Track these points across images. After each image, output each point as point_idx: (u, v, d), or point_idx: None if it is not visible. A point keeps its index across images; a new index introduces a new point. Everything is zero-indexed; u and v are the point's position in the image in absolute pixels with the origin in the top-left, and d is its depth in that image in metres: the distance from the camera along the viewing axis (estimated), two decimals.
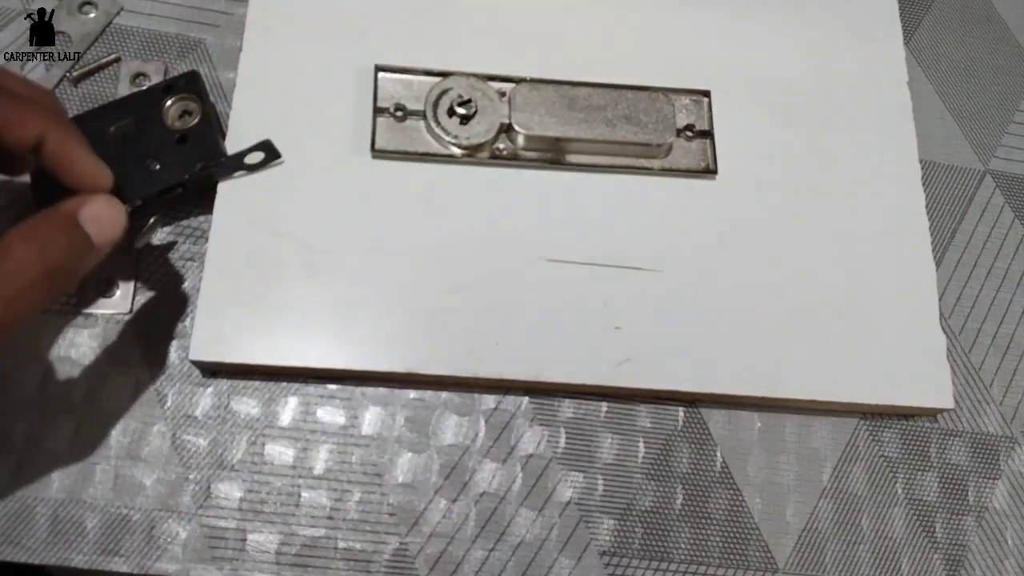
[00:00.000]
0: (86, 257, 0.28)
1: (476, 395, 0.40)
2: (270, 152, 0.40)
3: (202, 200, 0.41)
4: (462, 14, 0.45)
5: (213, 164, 0.39)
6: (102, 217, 0.28)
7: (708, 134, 0.44)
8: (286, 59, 0.43)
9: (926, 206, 0.46)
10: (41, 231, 0.26)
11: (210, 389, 0.39)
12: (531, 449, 0.40)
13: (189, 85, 0.40)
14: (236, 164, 0.40)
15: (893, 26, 0.50)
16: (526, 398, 0.41)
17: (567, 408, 0.41)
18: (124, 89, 0.43)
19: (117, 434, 0.38)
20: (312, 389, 0.39)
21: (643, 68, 0.46)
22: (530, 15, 0.46)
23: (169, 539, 0.36)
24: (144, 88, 0.42)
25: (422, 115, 0.42)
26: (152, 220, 0.38)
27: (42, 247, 0.26)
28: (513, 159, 0.42)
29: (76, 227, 0.27)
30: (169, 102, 0.40)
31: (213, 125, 0.40)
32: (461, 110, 0.41)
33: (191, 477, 0.37)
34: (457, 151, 0.42)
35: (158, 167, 0.39)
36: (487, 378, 0.39)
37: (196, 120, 0.40)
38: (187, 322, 0.39)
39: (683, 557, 0.39)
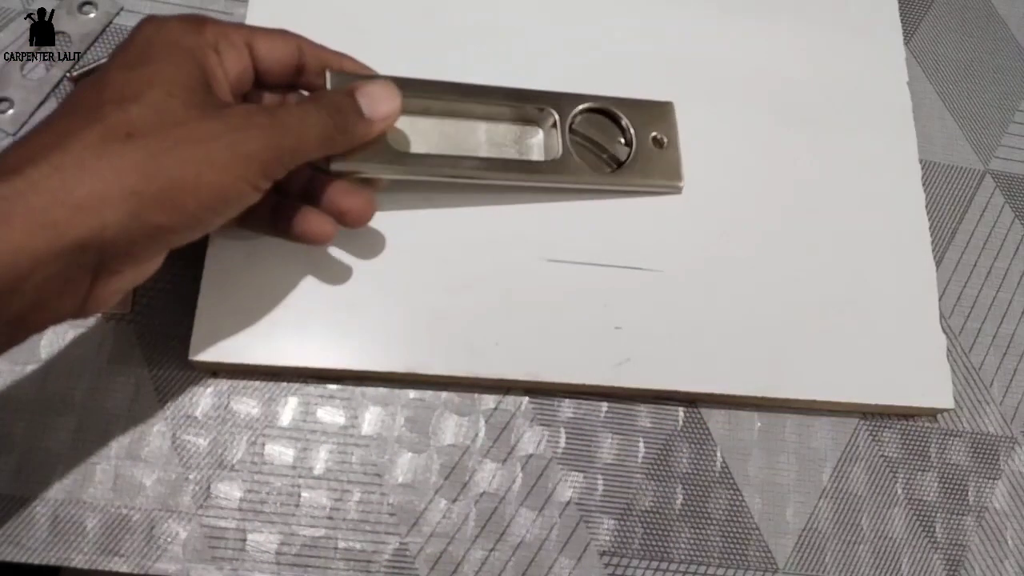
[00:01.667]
0: (359, 125, 0.34)
1: (476, 395, 0.40)
2: None
3: None
4: (457, 19, 0.45)
5: None
6: (375, 93, 0.34)
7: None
8: None
9: (926, 206, 0.46)
10: (326, 99, 0.33)
11: (210, 389, 0.39)
12: (531, 449, 0.40)
13: None
14: None
15: (893, 26, 0.50)
16: (526, 398, 0.41)
17: (567, 408, 0.41)
18: None
19: (117, 434, 0.38)
20: (312, 389, 0.39)
21: (642, 70, 0.46)
22: (536, 24, 0.46)
23: (169, 539, 0.36)
24: None
25: None
26: None
27: (327, 111, 0.32)
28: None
29: (352, 99, 0.34)
30: None
31: None
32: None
33: (191, 477, 0.37)
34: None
35: None
36: (487, 378, 0.39)
37: None
38: (187, 322, 0.39)
39: (683, 557, 0.39)
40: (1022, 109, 0.52)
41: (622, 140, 0.43)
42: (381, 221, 0.40)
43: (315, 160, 0.33)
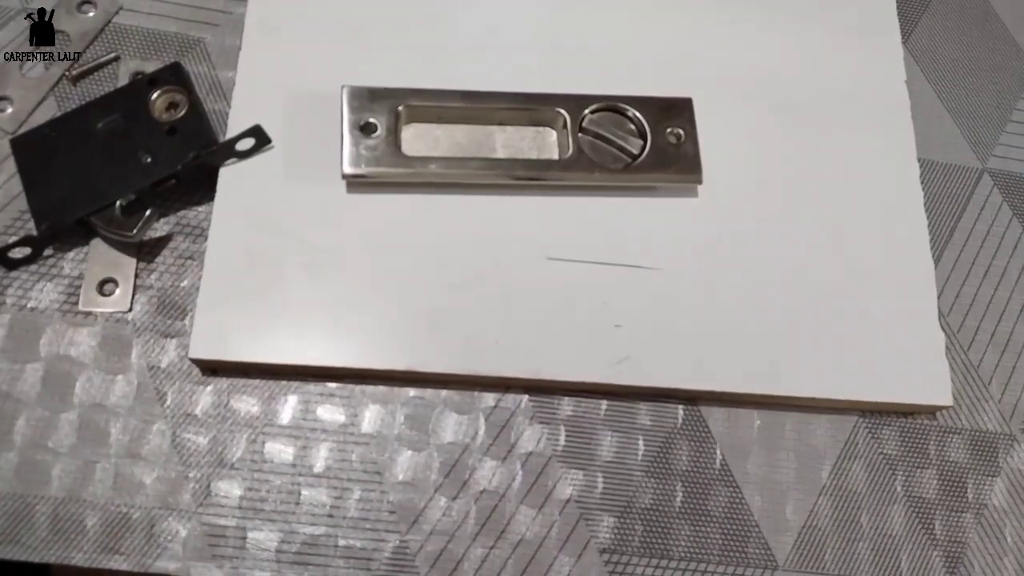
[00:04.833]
0: None
1: (476, 393, 0.40)
2: (260, 137, 0.40)
3: (202, 199, 0.41)
4: (459, 20, 0.45)
5: (205, 153, 0.39)
6: None
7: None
8: (286, 58, 0.43)
9: (924, 205, 0.46)
10: None
11: (210, 387, 0.39)
12: (531, 447, 0.40)
13: (173, 77, 0.41)
14: (227, 151, 0.40)
15: (891, 25, 0.50)
16: (526, 396, 0.41)
17: (567, 406, 0.41)
18: None
19: (117, 433, 0.38)
20: (312, 387, 0.39)
21: (642, 72, 0.46)
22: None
23: (169, 537, 0.36)
24: (127, 83, 0.42)
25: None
26: (148, 213, 0.38)
27: None
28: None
29: None
30: (155, 95, 0.40)
31: (202, 114, 0.40)
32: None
33: (191, 475, 0.37)
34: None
35: (149, 160, 0.39)
36: (487, 376, 0.39)
37: (184, 111, 0.40)
38: (187, 320, 0.40)
39: (683, 554, 0.39)
40: (1020, 108, 0.52)
41: (637, 137, 0.43)
42: (381, 220, 0.41)
43: None
